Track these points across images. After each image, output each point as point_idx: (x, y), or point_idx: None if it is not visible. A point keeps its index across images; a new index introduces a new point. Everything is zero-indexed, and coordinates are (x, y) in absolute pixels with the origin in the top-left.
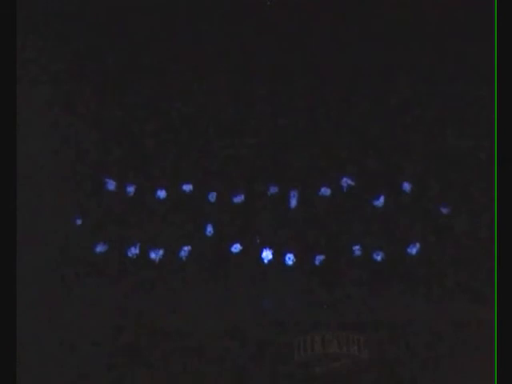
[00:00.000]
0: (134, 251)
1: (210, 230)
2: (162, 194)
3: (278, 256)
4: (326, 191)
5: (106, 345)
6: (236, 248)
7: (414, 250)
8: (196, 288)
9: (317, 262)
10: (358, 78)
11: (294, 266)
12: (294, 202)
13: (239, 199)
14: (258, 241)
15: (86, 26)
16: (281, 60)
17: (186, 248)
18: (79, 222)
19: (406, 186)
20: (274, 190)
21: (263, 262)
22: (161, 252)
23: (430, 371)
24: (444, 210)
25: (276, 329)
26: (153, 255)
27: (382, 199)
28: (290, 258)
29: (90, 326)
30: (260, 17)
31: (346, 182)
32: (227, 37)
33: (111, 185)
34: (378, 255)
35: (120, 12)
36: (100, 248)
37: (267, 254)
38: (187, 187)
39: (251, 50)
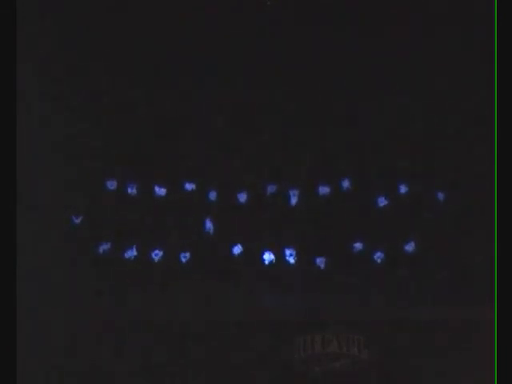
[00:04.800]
0: (132, 252)
1: (210, 227)
2: (161, 193)
3: (279, 257)
4: (324, 190)
5: (106, 342)
6: (237, 249)
7: (410, 248)
8: (196, 288)
9: (318, 263)
10: (359, 78)
11: (295, 266)
12: (293, 201)
13: (241, 198)
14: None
15: (87, 27)
16: (281, 60)
17: (186, 253)
18: (78, 220)
19: (404, 187)
20: (272, 189)
21: (264, 263)
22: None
23: (430, 370)
24: (443, 210)
25: (276, 329)
26: (153, 256)
27: (381, 199)
28: (291, 255)
29: (90, 325)
30: (260, 17)
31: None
32: (227, 36)
33: (111, 184)
34: (378, 255)
35: (121, 14)
36: (100, 247)
37: (269, 257)
38: (188, 186)
39: (251, 50)
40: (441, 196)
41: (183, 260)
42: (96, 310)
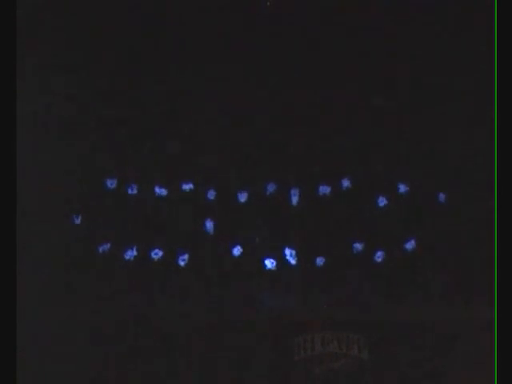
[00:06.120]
0: (132, 253)
1: (210, 227)
2: (162, 192)
3: (280, 256)
4: (325, 189)
5: (106, 342)
6: (237, 249)
7: (411, 247)
8: (196, 288)
9: (318, 263)
10: (359, 78)
11: (295, 266)
12: (294, 201)
13: (241, 198)
14: (257, 239)
15: (89, 26)
16: (281, 60)
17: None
18: (78, 221)
19: (404, 187)
20: (272, 188)
21: (265, 266)
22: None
23: (430, 370)
24: (443, 210)
25: (276, 329)
26: (152, 255)
27: (381, 199)
28: (291, 254)
29: (90, 324)
30: (260, 17)
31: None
32: (227, 36)
33: (111, 184)
34: (378, 256)
35: (121, 14)
36: (100, 248)
37: (270, 263)
38: (187, 186)
39: (251, 50)
40: (441, 196)
41: (182, 260)
42: (95, 310)
